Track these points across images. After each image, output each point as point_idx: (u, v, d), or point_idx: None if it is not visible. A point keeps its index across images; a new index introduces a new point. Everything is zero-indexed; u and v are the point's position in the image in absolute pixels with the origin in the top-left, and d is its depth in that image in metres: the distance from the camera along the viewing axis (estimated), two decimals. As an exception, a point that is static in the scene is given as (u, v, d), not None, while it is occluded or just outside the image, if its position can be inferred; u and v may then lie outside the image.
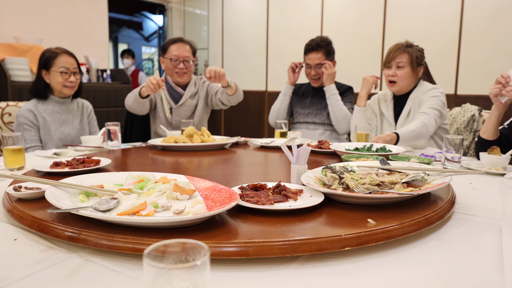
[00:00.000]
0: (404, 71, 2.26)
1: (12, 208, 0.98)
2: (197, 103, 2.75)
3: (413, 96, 2.31)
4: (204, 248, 0.47)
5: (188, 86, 2.72)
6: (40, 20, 4.60)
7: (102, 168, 1.47)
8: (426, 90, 2.27)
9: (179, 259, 0.48)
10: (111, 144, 2.01)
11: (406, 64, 2.25)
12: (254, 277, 0.71)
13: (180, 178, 1.13)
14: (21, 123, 2.20)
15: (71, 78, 2.24)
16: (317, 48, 2.72)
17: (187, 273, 0.45)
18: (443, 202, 1.02)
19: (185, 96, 2.69)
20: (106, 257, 0.78)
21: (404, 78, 2.26)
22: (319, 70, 2.75)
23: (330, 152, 1.87)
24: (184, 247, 0.48)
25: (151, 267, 0.44)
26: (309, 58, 2.76)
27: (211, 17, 6.23)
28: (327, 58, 2.75)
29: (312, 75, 2.78)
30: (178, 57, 2.61)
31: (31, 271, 0.72)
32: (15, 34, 4.29)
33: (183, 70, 2.63)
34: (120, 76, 5.00)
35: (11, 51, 3.99)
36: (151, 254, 0.46)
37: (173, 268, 0.44)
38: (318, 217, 0.91)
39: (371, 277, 0.71)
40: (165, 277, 0.44)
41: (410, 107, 2.31)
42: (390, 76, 2.29)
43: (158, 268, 0.44)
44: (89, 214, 0.82)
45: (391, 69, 2.28)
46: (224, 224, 0.86)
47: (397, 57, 2.27)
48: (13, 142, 1.57)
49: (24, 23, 4.45)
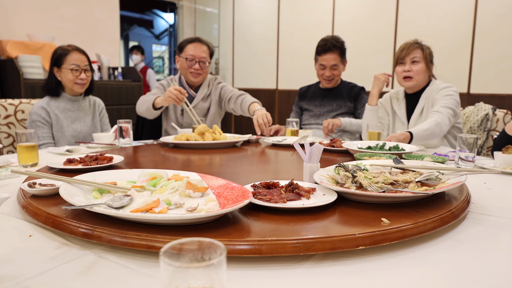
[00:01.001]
0: (419, 66, 2.24)
1: (26, 205, 0.99)
2: (210, 106, 2.69)
3: (425, 95, 2.28)
4: (221, 247, 0.46)
5: (200, 88, 2.67)
6: (52, 18, 4.64)
7: (115, 165, 1.48)
8: (439, 89, 2.24)
9: (195, 257, 0.48)
10: (122, 141, 2.02)
11: (421, 59, 2.24)
12: (269, 276, 0.71)
13: (193, 176, 1.13)
14: (34, 120, 2.22)
15: (82, 76, 2.26)
16: (333, 49, 2.70)
17: (204, 272, 0.44)
18: (458, 202, 1.01)
19: (196, 98, 2.64)
20: (120, 254, 0.78)
21: (420, 72, 2.25)
22: (334, 71, 2.73)
23: (342, 150, 1.85)
24: (200, 246, 0.48)
25: (168, 265, 0.44)
26: (324, 59, 2.72)
27: (222, 15, 6.22)
28: (341, 58, 2.73)
29: (327, 76, 2.76)
30: (194, 57, 2.55)
31: (46, 268, 0.72)
32: (28, 32, 4.33)
33: (198, 70, 2.57)
34: (131, 74, 5.03)
35: (24, 49, 4.03)
36: (167, 252, 0.46)
37: (189, 267, 0.44)
38: (331, 215, 0.91)
39: (387, 277, 0.70)
40: (181, 276, 0.44)
41: (423, 105, 2.28)
42: (405, 71, 2.26)
43: (175, 266, 0.43)
44: (102, 211, 0.82)
45: (406, 65, 2.26)
46: (236, 222, 0.86)
47: (411, 53, 2.25)
48: (27, 139, 1.58)
49: (36, 21, 4.49)
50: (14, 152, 2.41)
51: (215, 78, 2.76)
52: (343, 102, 2.80)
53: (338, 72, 2.77)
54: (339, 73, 2.80)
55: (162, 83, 2.67)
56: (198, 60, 2.56)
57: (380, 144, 1.85)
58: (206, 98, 2.69)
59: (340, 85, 2.88)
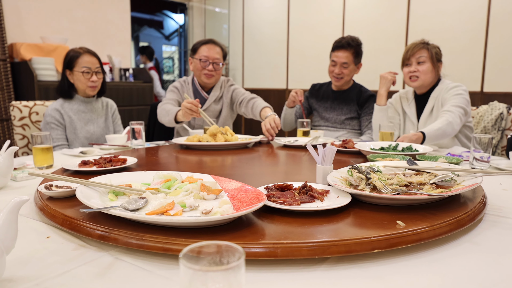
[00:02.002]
0: (425, 66, 2.24)
1: (44, 206, 1.00)
2: (222, 108, 2.69)
3: (435, 94, 2.27)
4: (239, 251, 0.47)
5: (212, 91, 2.67)
6: (65, 20, 4.70)
7: (129, 167, 1.50)
8: (448, 88, 2.23)
9: (213, 260, 0.48)
10: (135, 142, 2.04)
11: (426, 59, 2.24)
12: (285, 278, 0.71)
13: (206, 178, 1.14)
14: (48, 122, 2.25)
15: (93, 78, 2.28)
16: (347, 47, 2.66)
17: (223, 275, 0.45)
18: (474, 204, 1.00)
19: (209, 100, 2.64)
20: (136, 256, 0.79)
21: (426, 72, 2.24)
22: (344, 70, 2.69)
23: (354, 151, 1.85)
24: (219, 249, 0.48)
25: (187, 268, 0.44)
26: (336, 55, 2.69)
27: (232, 15, 6.24)
28: (355, 59, 2.69)
29: (336, 73, 2.71)
30: (208, 58, 2.55)
31: (64, 269, 0.74)
32: (41, 34, 4.39)
33: (212, 72, 2.57)
34: (143, 75, 5.07)
35: (38, 51, 4.08)
36: (187, 255, 0.47)
37: (209, 270, 0.44)
38: (345, 218, 0.91)
39: (403, 281, 0.70)
40: (200, 279, 0.45)
41: (432, 105, 2.27)
42: (411, 72, 2.26)
43: (194, 270, 0.44)
44: (119, 214, 0.83)
45: (412, 66, 2.26)
46: (251, 224, 0.86)
47: (417, 53, 2.25)
48: (41, 141, 1.61)
49: (49, 23, 4.55)
50: (29, 154, 2.45)
51: (227, 80, 2.76)
52: (353, 106, 2.76)
53: (348, 71, 2.71)
54: (350, 73, 2.74)
55: (176, 85, 2.68)
56: (211, 62, 2.56)
57: (393, 145, 1.84)
58: (218, 100, 2.69)
59: (352, 87, 2.83)
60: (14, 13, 4.23)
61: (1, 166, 1.27)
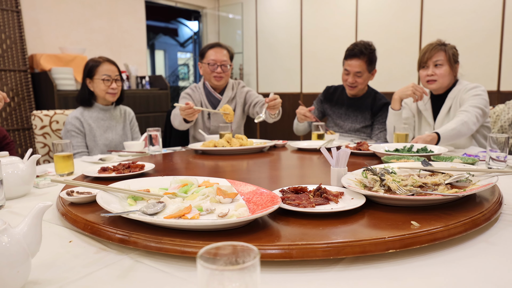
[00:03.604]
0: (443, 69, 2.20)
1: (66, 212, 1.03)
2: (235, 108, 2.76)
3: (452, 95, 2.24)
4: (254, 251, 0.48)
5: (225, 91, 2.74)
6: (82, 31, 4.80)
7: (146, 173, 1.52)
8: (467, 89, 2.19)
9: (229, 261, 0.50)
10: (152, 149, 2.08)
11: (444, 62, 2.20)
12: (300, 279, 0.72)
13: (222, 182, 1.16)
14: (69, 130, 2.31)
15: (113, 85, 2.34)
16: (359, 55, 2.58)
17: (238, 275, 0.46)
18: (490, 203, 0.99)
19: (222, 101, 2.71)
20: (155, 258, 0.81)
21: (444, 75, 2.21)
22: (358, 79, 2.61)
23: (368, 153, 1.84)
24: (234, 250, 0.50)
25: (205, 268, 0.46)
26: (349, 64, 2.61)
27: (245, 21, 6.28)
28: (368, 66, 2.61)
29: (350, 82, 2.64)
30: (216, 61, 2.63)
31: (86, 272, 0.76)
32: (60, 45, 4.50)
33: (221, 74, 2.65)
34: (158, 83, 5.14)
35: (57, 62, 4.19)
36: (203, 256, 0.48)
37: (225, 269, 0.46)
38: (360, 219, 0.91)
39: (419, 281, 0.70)
40: (217, 278, 0.46)
41: (449, 105, 2.24)
42: (428, 76, 2.23)
43: (211, 269, 0.45)
44: (138, 218, 0.85)
45: (429, 69, 2.23)
46: (266, 226, 0.87)
47: (434, 56, 2.21)
48: (62, 149, 1.65)
49: (68, 34, 4.66)
50: (50, 162, 2.51)
51: (238, 82, 2.84)
52: (367, 114, 2.70)
53: (362, 80, 2.64)
54: (364, 81, 2.66)
55: (188, 92, 2.74)
56: (219, 64, 2.64)
57: (407, 146, 1.83)
58: (231, 100, 2.76)
59: (367, 94, 2.75)
60: (34, 25, 4.35)
61: (24, 174, 1.31)
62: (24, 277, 0.68)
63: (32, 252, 0.71)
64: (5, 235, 0.66)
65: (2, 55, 3.91)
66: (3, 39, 3.92)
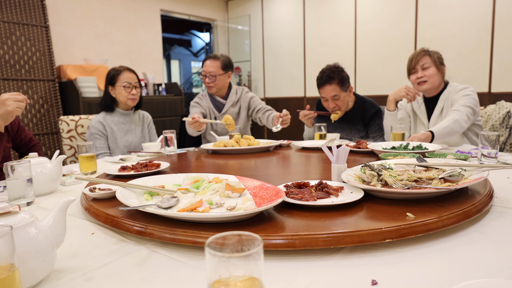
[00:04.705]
0: (431, 70, 2.20)
1: (89, 207, 1.04)
2: (239, 111, 2.76)
3: (444, 97, 2.22)
4: (258, 239, 0.48)
5: (229, 96, 2.74)
6: (104, 43, 4.85)
7: (162, 171, 1.53)
8: (457, 90, 2.18)
9: (235, 249, 0.49)
10: (168, 149, 2.08)
11: (430, 64, 2.21)
12: (302, 267, 0.71)
13: (231, 178, 1.15)
14: (93, 133, 2.33)
15: (133, 91, 2.35)
16: (329, 81, 2.45)
17: (244, 262, 0.46)
18: (481, 196, 0.97)
19: (227, 105, 2.71)
20: (169, 248, 0.81)
21: (433, 75, 2.20)
22: (337, 102, 2.50)
23: (367, 151, 1.83)
24: (240, 239, 0.49)
25: (212, 256, 0.45)
26: (323, 91, 2.50)
27: (253, 32, 6.29)
28: (342, 87, 2.46)
29: (331, 108, 2.54)
30: (205, 73, 2.65)
31: (107, 260, 0.76)
32: (84, 56, 4.55)
33: (209, 84, 2.65)
34: (173, 89, 5.17)
35: (82, 71, 4.23)
36: (211, 244, 0.48)
37: (231, 257, 0.45)
38: (358, 211, 0.90)
39: (413, 268, 0.69)
40: (224, 265, 0.46)
41: (442, 106, 2.22)
42: (418, 78, 2.22)
43: (218, 257, 0.45)
44: (153, 211, 0.85)
45: (418, 72, 2.23)
46: (271, 219, 0.87)
47: (420, 60, 2.22)
48: (86, 150, 1.66)
49: (91, 46, 4.71)
50: (75, 162, 2.53)
51: (243, 88, 2.84)
52: (360, 125, 2.60)
53: (341, 101, 2.51)
54: (343, 101, 2.53)
55: (196, 100, 2.76)
56: (207, 75, 2.65)
57: (403, 144, 1.81)
58: (235, 104, 2.76)
59: (355, 106, 2.61)
60: (61, 38, 4.40)
61: (52, 173, 1.33)
62: (50, 266, 0.69)
63: (57, 242, 0.72)
64: (33, 227, 0.66)
65: (32, 66, 3.96)
66: (33, 51, 3.97)
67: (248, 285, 0.47)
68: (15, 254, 0.56)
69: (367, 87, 4.98)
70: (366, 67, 4.99)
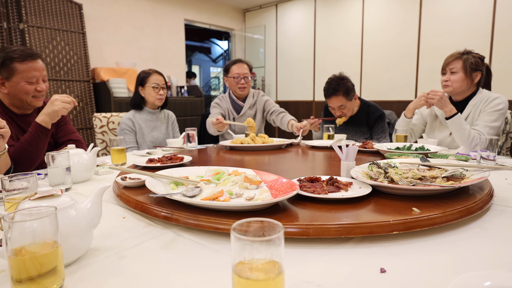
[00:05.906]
0: (457, 76, 2.05)
1: (120, 194, 1.05)
2: (256, 113, 2.75)
3: (473, 102, 2.06)
4: (279, 226, 0.47)
5: (247, 99, 2.72)
6: (134, 49, 4.90)
7: (185, 164, 1.53)
8: (489, 100, 1.99)
9: (258, 234, 0.49)
10: (190, 145, 2.09)
11: (459, 70, 2.05)
12: (315, 254, 0.70)
13: (249, 172, 1.15)
14: (123, 128, 2.35)
15: (161, 92, 2.37)
16: (335, 93, 2.40)
17: (266, 246, 0.45)
18: (482, 194, 0.95)
19: (245, 107, 2.70)
20: (193, 233, 0.81)
21: (457, 81, 2.05)
22: (343, 110, 2.47)
23: (373, 151, 1.80)
24: (262, 225, 0.49)
25: (237, 239, 0.45)
26: (330, 102, 2.46)
27: (267, 40, 6.27)
28: (347, 97, 2.41)
29: (338, 115, 2.52)
30: (239, 75, 2.62)
31: (137, 242, 0.77)
32: (116, 60, 4.60)
33: (244, 85, 2.64)
34: (194, 91, 5.19)
35: (113, 74, 4.28)
36: (236, 228, 0.48)
37: (255, 240, 0.45)
38: (367, 205, 0.89)
39: (420, 258, 0.67)
40: (247, 248, 0.45)
41: (469, 112, 2.06)
42: (444, 81, 2.12)
43: (243, 240, 0.45)
44: (179, 199, 0.85)
45: (446, 75, 2.11)
46: (286, 209, 0.86)
47: (451, 64, 2.09)
48: (117, 144, 1.68)
49: (122, 51, 4.76)
50: (107, 155, 2.57)
51: (259, 92, 2.82)
52: (364, 128, 2.56)
53: (347, 109, 2.47)
54: (350, 108, 2.49)
55: (217, 101, 2.74)
56: (242, 76, 2.63)
57: (407, 145, 1.78)
58: (252, 106, 2.74)
59: (360, 110, 2.57)
60: (96, 44, 4.47)
61: (87, 163, 1.34)
62: (88, 244, 0.69)
63: (94, 224, 0.72)
64: (73, 209, 0.67)
65: (70, 68, 4.03)
66: (71, 55, 4.03)
67: (269, 267, 0.47)
68: (58, 232, 0.56)
69: (372, 93, 4.92)
70: (371, 74, 4.94)
